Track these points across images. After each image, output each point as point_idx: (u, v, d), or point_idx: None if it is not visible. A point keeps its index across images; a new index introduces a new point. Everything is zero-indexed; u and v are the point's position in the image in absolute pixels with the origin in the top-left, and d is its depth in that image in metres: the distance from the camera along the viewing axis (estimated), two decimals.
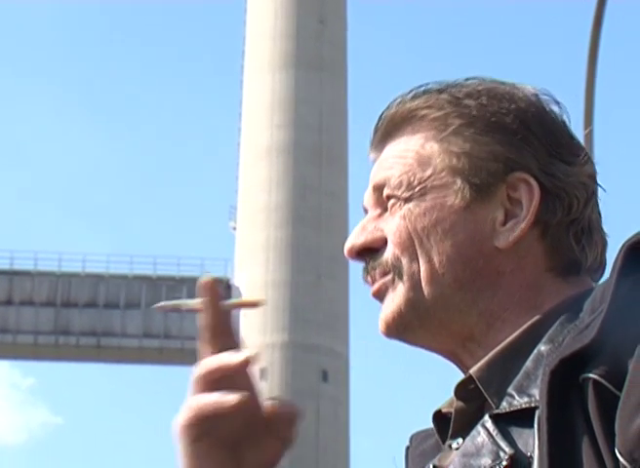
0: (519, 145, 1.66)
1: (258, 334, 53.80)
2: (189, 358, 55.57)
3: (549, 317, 1.59)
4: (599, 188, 1.73)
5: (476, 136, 1.67)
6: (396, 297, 1.65)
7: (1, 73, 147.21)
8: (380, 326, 1.70)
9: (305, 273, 56.19)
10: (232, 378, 1.47)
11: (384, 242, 1.69)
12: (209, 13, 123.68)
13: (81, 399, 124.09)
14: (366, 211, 1.80)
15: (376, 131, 1.79)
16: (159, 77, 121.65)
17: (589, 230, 1.66)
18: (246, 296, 56.64)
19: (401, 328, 1.66)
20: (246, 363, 1.47)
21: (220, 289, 1.43)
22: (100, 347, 57.49)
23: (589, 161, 1.70)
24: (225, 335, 1.47)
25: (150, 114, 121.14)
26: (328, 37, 60.93)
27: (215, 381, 1.46)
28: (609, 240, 1.74)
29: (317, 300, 55.55)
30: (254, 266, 57.10)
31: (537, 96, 1.72)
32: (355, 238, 1.71)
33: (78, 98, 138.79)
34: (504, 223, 1.64)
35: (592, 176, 1.70)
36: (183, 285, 56.90)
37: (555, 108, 1.72)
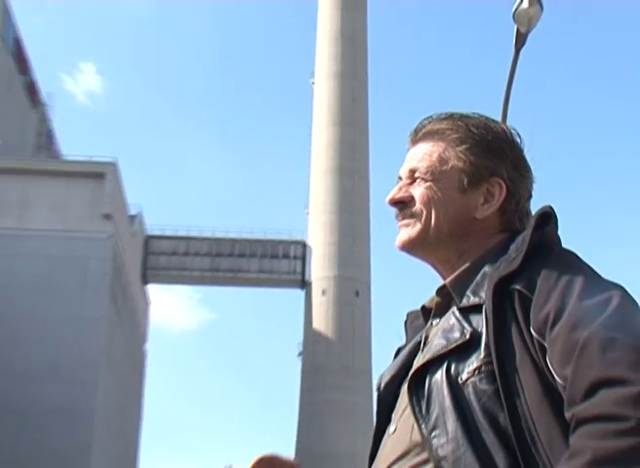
0: (499, 162, 2.07)
1: (321, 270, 63.81)
2: (283, 284, 66.61)
3: (490, 252, 2.01)
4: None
5: (477, 152, 2.07)
6: (413, 231, 2.06)
7: (169, 114, 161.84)
8: (397, 244, 2.11)
9: (346, 237, 64.03)
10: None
11: (410, 199, 2.08)
12: (288, 91, 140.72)
13: (227, 304, 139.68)
14: (400, 178, 2.16)
15: (415, 133, 2.17)
16: (269, 125, 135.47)
17: (526, 214, 2.09)
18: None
19: (409, 247, 2.09)
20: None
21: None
22: (235, 277, 65.69)
23: (532, 175, 2.12)
24: None
25: (264, 149, 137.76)
26: (358, 108, 67.56)
27: None
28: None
29: (352, 252, 63.94)
30: (318, 234, 64.98)
31: (512, 132, 2.12)
32: (395, 193, 2.12)
33: (217, 135, 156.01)
34: (483, 205, 2.06)
35: (532, 184, 2.12)
36: (280, 244, 65.21)
37: (518, 140, 2.12)
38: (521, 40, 11.81)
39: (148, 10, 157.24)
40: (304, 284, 64.62)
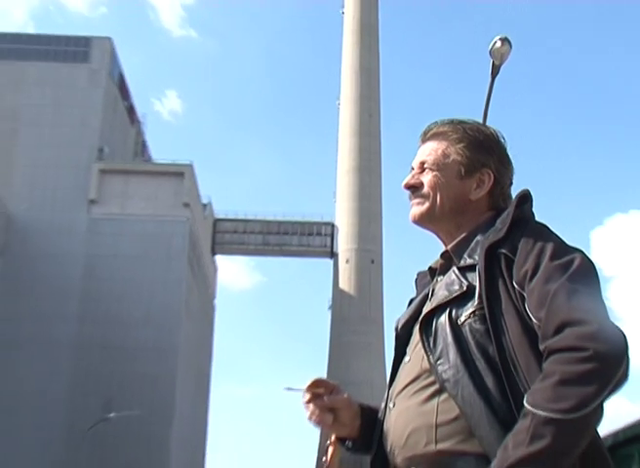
0: (488, 157, 1.98)
1: (345, 244, 63.48)
2: (317, 255, 66.37)
3: (482, 225, 1.93)
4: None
5: (472, 149, 1.98)
6: (423, 208, 1.98)
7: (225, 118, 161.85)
8: (410, 218, 2.01)
9: (364, 219, 63.68)
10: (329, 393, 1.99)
11: (420, 184, 2.00)
12: (320, 110, 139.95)
13: (275, 269, 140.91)
14: (412, 168, 2.05)
15: (424, 134, 2.07)
16: (305, 135, 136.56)
17: (508, 196, 1.99)
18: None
19: (419, 221, 2.00)
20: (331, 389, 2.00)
21: (324, 386, 2.00)
22: (281, 250, 65.42)
23: (512, 167, 2.02)
24: (319, 398, 1.97)
25: (302, 153, 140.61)
26: (373, 122, 67.22)
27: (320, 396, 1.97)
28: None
29: (369, 231, 63.81)
30: (343, 217, 64.61)
31: (497, 134, 2.03)
32: (409, 180, 2.03)
33: (266, 142, 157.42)
34: (476, 189, 1.96)
35: (513, 174, 2.03)
36: (314, 225, 65.16)
37: (502, 140, 2.02)
38: (496, 70, 11.77)
39: (215, 49, 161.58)
40: (333, 254, 64.37)
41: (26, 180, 51.84)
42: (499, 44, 11.60)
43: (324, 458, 1.99)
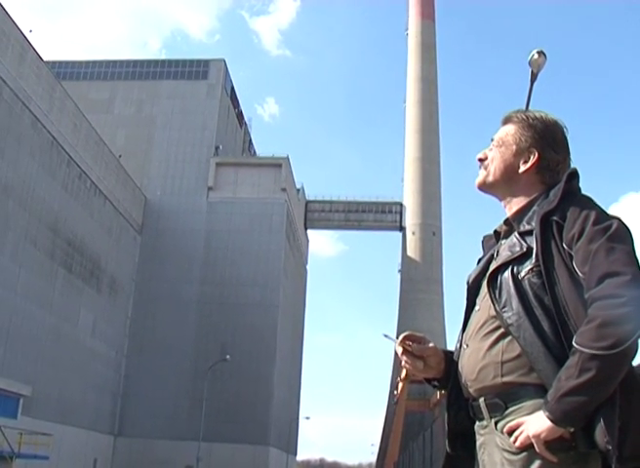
0: (537, 139, 1.90)
1: (411, 219, 63.03)
2: (389, 228, 64.51)
3: (537, 197, 1.87)
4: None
5: (524, 132, 1.92)
6: (482, 177, 1.96)
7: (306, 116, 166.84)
8: (476, 184, 1.97)
9: (426, 199, 63.62)
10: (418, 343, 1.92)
11: (486, 158, 1.97)
12: (390, 110, 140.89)
13: (355, 240, 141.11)
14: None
15: (503, 119, 2.00)
16: (379, 132, 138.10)
17: (557, 173, 1.88)
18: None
19: (480, 187, 1.96)
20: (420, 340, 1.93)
21: (413, 339, 1.92)
22: (360, 224, 64.76)
23: (565, 151, 1.91)
24: (410, 349, 1.90)
25: (378, 147, 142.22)
26: (433, 121, 66.19)
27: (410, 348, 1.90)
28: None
29: (430, 208, 63.34)
30: (409, 198, 64.21)
31: (555, 122, 1.93)
32: (480, 155, 1.98)
33: (348, 138, 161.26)
34: (523, 164, 1.90)
35: (564, 156, 1.91)
36: (386, 204, 64.21)
37: (556, 128, 1.92)
38: (534, 77, 11.53)
39: (305, 64, 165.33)
40: (401, 228, 63.95)
41: (160, 172, 52.51)
42: (536, 56, 11.43)
43: (395, 391, 1.79)
